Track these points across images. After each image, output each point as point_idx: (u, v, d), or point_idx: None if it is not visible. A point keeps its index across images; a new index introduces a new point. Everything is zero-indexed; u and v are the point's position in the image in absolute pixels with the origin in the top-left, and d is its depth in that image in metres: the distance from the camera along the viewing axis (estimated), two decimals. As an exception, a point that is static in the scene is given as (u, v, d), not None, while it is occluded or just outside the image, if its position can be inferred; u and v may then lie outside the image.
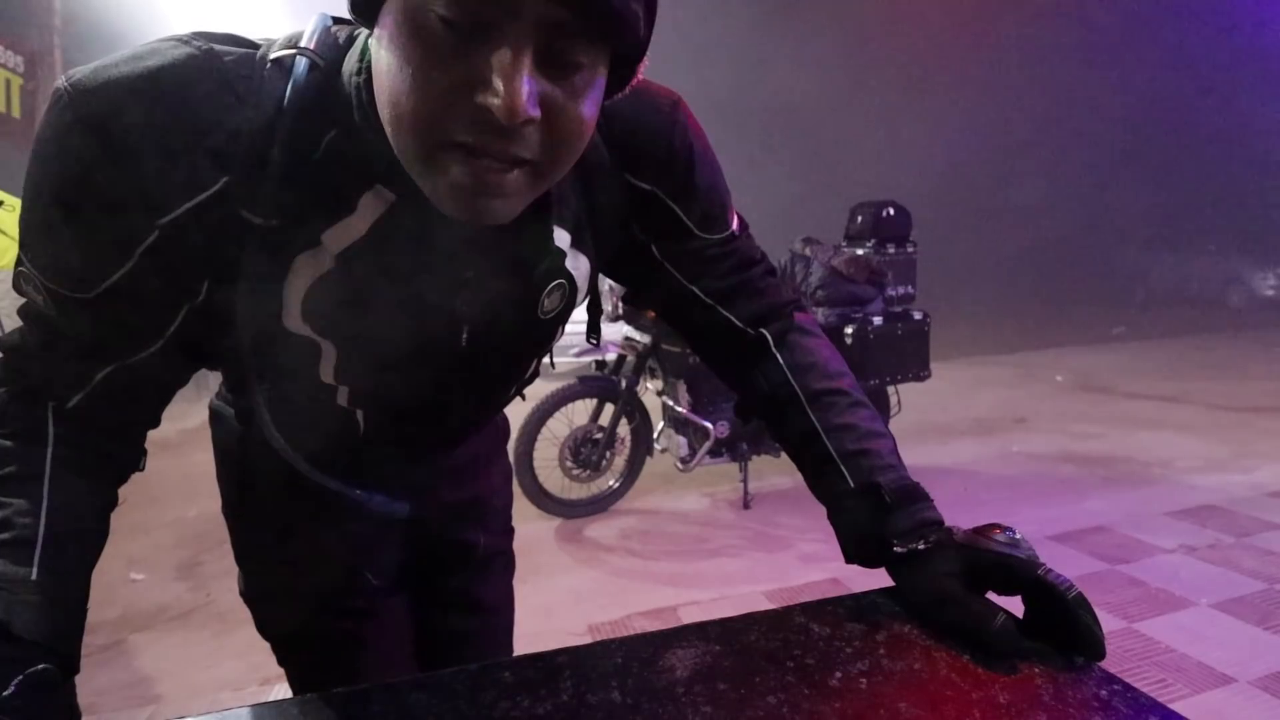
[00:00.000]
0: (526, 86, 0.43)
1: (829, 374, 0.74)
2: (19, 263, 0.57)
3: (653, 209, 0.68)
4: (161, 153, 0.50)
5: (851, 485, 0.68)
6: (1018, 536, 0.61)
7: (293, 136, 0.52)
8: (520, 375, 0.78)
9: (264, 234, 0.53)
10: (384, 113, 0.48)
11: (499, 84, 0.43)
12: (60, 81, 0.50)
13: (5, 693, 0.48)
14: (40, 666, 0.51)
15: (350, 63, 0.54)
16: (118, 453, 0.63)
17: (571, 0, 0.42)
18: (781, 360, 0.74)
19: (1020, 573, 0.58)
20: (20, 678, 0.49)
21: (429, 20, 0.43)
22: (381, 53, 0.46)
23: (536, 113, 0.45)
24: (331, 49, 0.55)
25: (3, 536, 0.53)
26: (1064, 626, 0.56)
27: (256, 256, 0.54)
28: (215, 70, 0.52)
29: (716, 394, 3.45)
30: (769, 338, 0.75)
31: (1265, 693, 1.97)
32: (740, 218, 0.78)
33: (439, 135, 0.46)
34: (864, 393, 0.75)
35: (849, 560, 0.69)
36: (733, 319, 0.75)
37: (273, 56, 0.53)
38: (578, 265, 0.67)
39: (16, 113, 5.74)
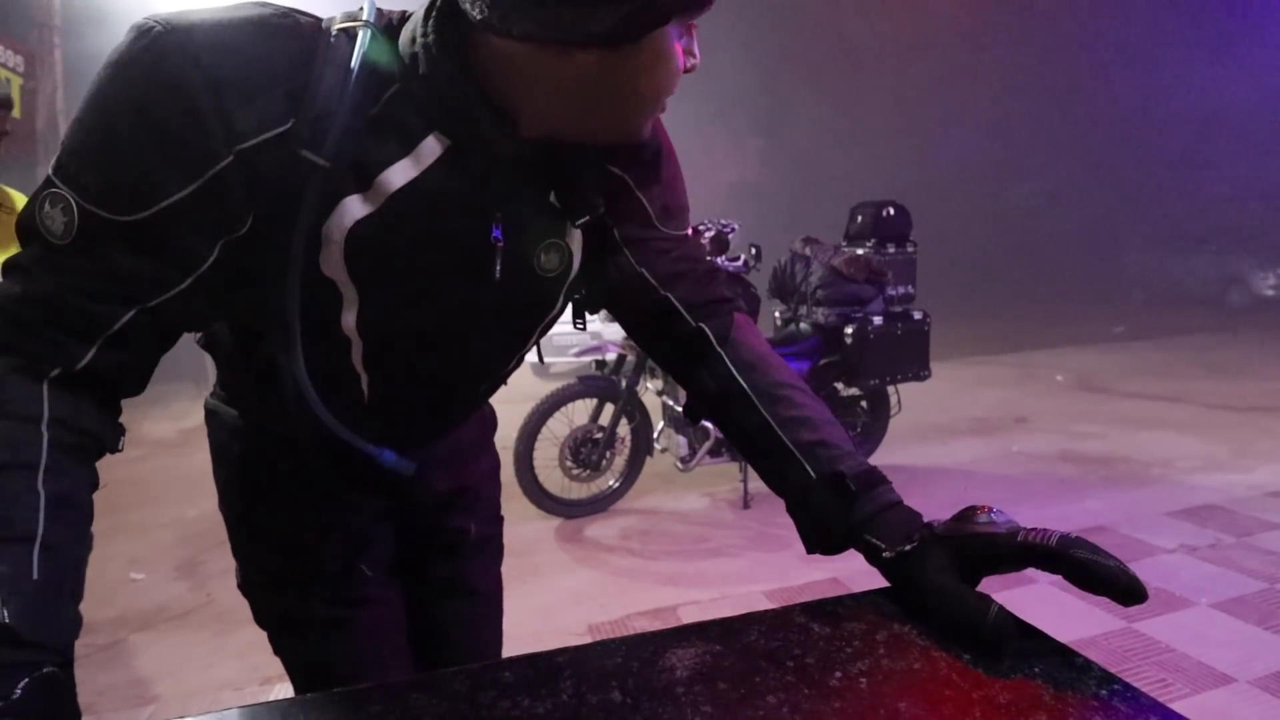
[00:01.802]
0: None
1: (773, 368, 0.76)
2: (47, 184, 0.54)
3: (621, 194, 0.74)
4: (247, 86, 0.55)
5: (813, 476, 0.69)
6: (995, 515, 0.61)
7: (357, 92, 0.59)
8: (521, 343, 0.80)
9: (321, 175, 0.58)
10: (626, 111, 0.63)
11: (697, 50, 0.63)
12: (146, 19, 0.55)
13: (14, 695, 0.47)
14: (47, 669, 0.50)
15: (410, 31, 0.62)
16: (103, 431, 0.61)
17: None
18: (725, 357, 0.77)
19: (1003, 545, 0.59)
20: (27, 680, 0.49)
21: (676, 38, 0.60)
22: (633, 72, 0.59)
23: None
24: (385, 25, 0.63)
25: (3, 533, 0.52)
26: (1076, 574, 0.56)
27: (309, 196, 0.59)
28: (294, 29, 0.59)
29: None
30: (709, 334, 0.77)
31: (1265, 693, 1.97)
32: (695, 228, 0.82)
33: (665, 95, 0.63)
34: (809, 386, 0.77)
35: (810, 550, 0.70)
36: (673, 300, 0.78)
37: (339, 27, 0.61)
38: (571, 233, 0.72)
39: (17, 112, 5.74)
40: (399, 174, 0.61)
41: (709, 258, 0.86)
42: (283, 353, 0.65)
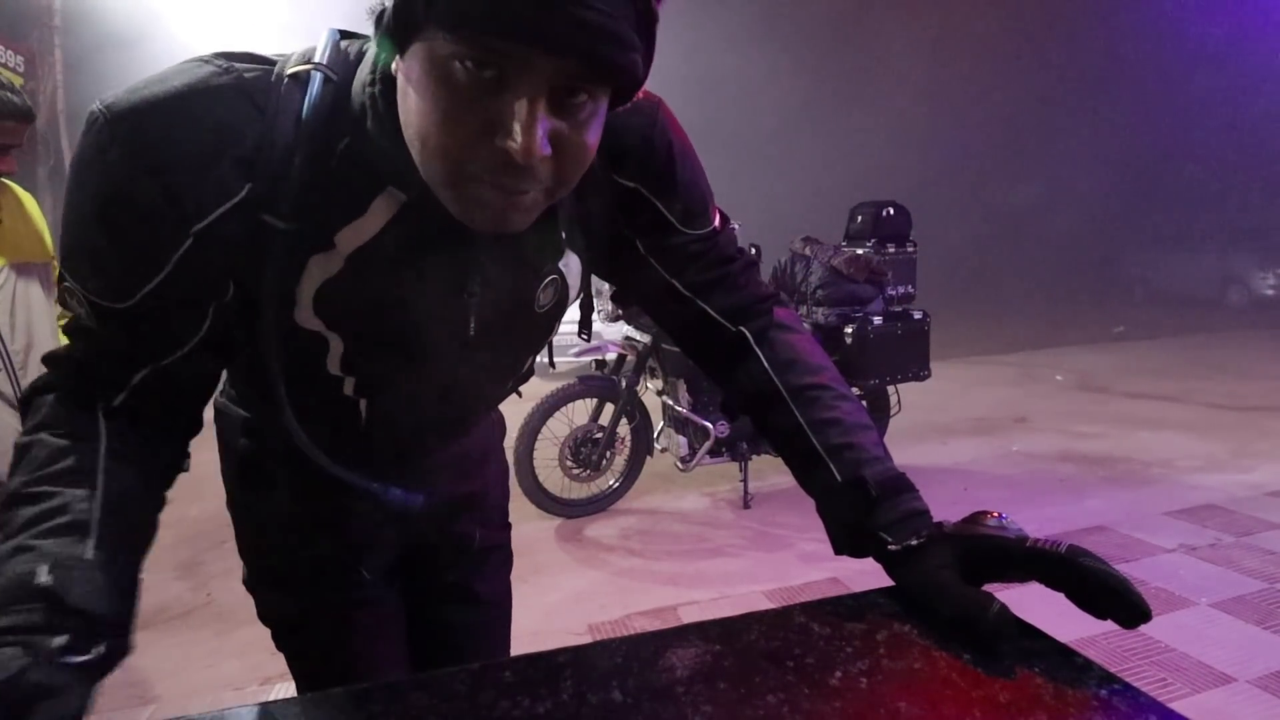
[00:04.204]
0: (540, 130, 0.49)
1: (810, 369, 0.75)
2: (62, 278, 0.60)
3: (637, 205, 0.71)
4: (192, 164, 0.54)
5: (839, 479, 0.69)
6: (1006, 521, 0.61)
7: (310, 145, 0.56)
8: (517, 370, 0.80)
9: (283, 237, 0.57)
10: (412, 143, 0.53)
11: (517, 131, 0.48)
12: (95, 105, 0.54)
13: (88, 656, 0.49)
14: (112, 639, 0.52)
15: (362, 75, 0.58)
16: (164, 450, 0.65)
17: (578, 57, 0.47)
18: (763, 357, 0.76)
19: (1011, 551, 0.59)
20: (109, 640, 0.51)
21: (454, 69, 0.48)
22: (409, 89, 0.51)
23: (548, 151, 0.50)
24: (342, 63, 0.59)
25: (60, 520, 0.54)
26: (1083, 586, 0.56)
27: (275, 258, 0.58)
28: (237, 86, 0.56)
29: (716, 394, 3.45)
30: (749, 335, 0.77)
31: (1265, 692, 1.97)
32: (722, 214, 0.79)
33: (463, 169, 0.51)
34: (847, 385, 0.76)
35: (838, 551, 0.70)
36: (710, 311, 0.77)
37: (289, 72, 0.58)
38: (568, 263, 0.71)
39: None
40: (356, 233, 0.60)
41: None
42: (271, 404, 0.65)
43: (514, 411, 0.97)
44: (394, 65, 0.53)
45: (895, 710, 0.49)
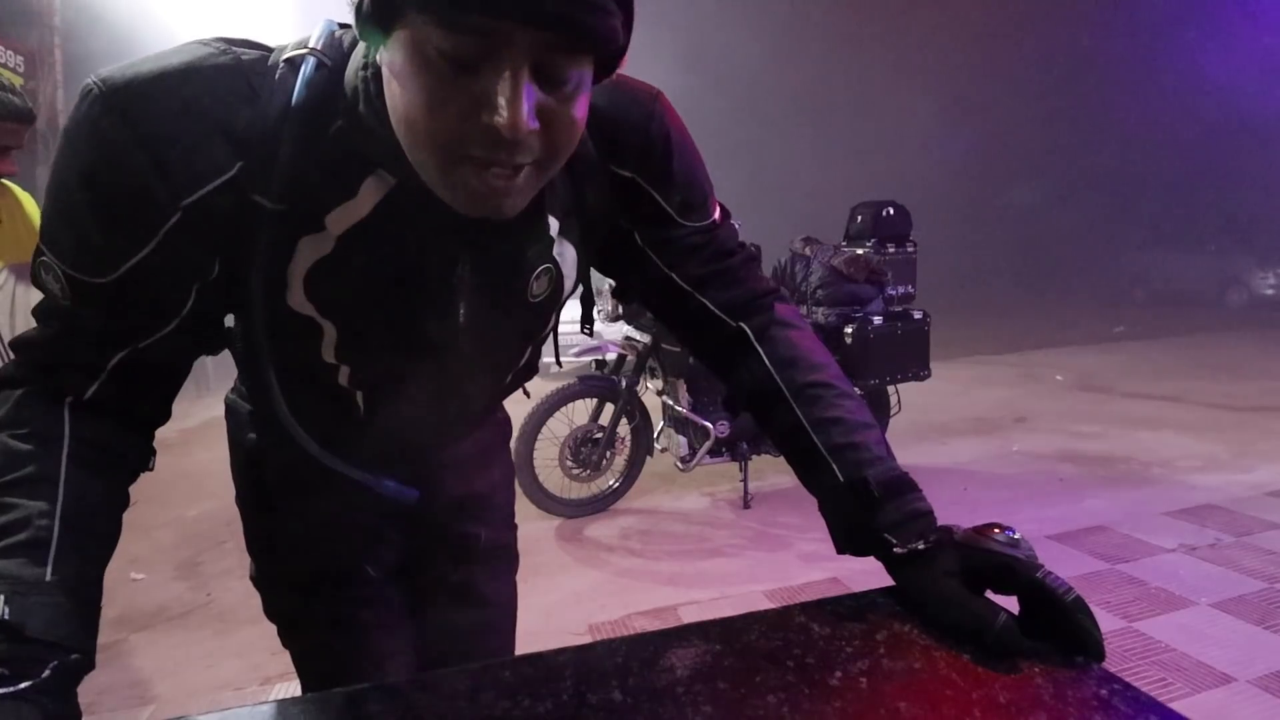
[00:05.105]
0: (526, 104, 0.49)
1: (812, 366, 0.75)
2: (39, 253, 0.59)
3: (634, 196, 0.71)
4: (184, 138, 0.55)
5: (841, 479, 0.68)
6: (1017, 536, 0.61)
7: (302, 127, 0.57)
8: (514, 363, 0.79)
9: (273, 217, 0.58)
10: (399, 130, 0.53)
11: (502, 105, 0.48)
12: (90, 79, 0.54)
13: (27, 683, 0.49)
14: (74, 657, 0.52)
15: (355, 61, 0.59)
16: (129, 450, 0.65)
17: (557, 27, 0.47)
18: (764, 354, 0.76)
19: (1020, 573, 0.59)
20: (55, 663, 0.51)
21: (432, 54, 0.48)
22: (394, 79, 0.51)
23: (536, 125, 0.50)
24: (336, 50, 0.60)
25: (19, 537, 0.54)
26: (1062, 628, 0.57)
27: (265, 238, 0.58)
28: (234, 67, 0.57)
29: (717, 393, 3.45)
30: (749, 332, 0.76)
31: (1265, 692, 1.97)
32: (722, 207, 0.79)
33: (453, 151, 0.51)
34: (849, 383, 0.75)
35: (841, 551, 0.70)
36: (709, 305, 0.76)
37: (284, 57, 0.59)
38: (563, 253, 0.71)
39: (17, 114, 5.73)
40: (346, 215, 0.60)
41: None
42: (263, 390, 0.65)
43: (514, 411, 0.97)
44: (378, 57, 0.53)
45: (895, 710, 0.50)
